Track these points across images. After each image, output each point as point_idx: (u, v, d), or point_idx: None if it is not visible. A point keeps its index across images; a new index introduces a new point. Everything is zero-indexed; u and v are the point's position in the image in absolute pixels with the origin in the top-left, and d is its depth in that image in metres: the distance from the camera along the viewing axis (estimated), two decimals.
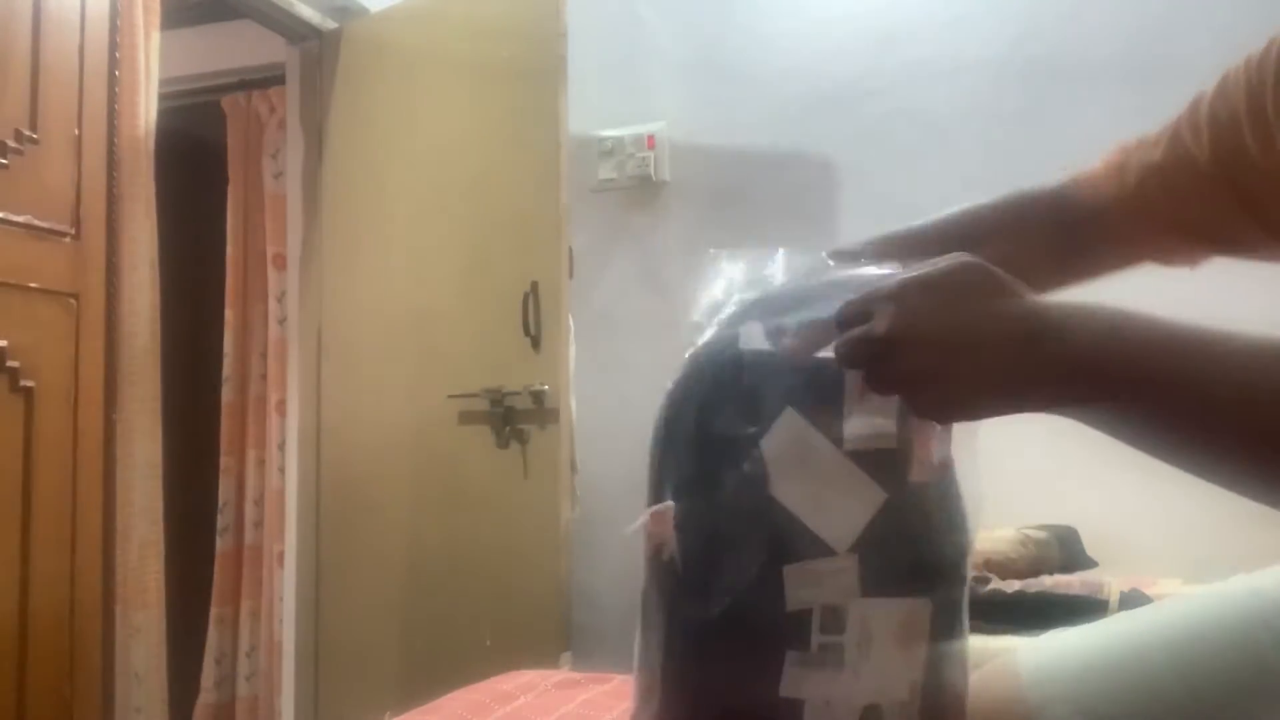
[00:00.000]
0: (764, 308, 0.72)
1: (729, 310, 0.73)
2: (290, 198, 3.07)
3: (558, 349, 2.45)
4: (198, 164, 3.42)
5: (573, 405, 2.49)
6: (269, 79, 3.26)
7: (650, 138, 2.97)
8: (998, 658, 0.83)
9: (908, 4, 2.81)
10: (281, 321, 3.21)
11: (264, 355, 3.33)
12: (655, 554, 0.70)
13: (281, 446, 3.13)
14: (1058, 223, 0.90)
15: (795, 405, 0.66)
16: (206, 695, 3.27)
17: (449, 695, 1.42)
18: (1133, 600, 1.94)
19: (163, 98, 2.43)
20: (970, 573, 0.70)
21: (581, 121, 2.73)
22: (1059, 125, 2.59)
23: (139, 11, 2.33)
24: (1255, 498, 0.59)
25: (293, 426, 2.99)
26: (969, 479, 0.70)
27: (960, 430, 0.69)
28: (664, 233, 3.00)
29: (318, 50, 2.99)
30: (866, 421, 0.65)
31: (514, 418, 2.48)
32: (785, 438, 0.66)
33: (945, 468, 0.69)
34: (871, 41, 2.82)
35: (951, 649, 0.69)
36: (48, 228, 1.99)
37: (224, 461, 3.36)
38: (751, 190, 2.91)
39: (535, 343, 2.45)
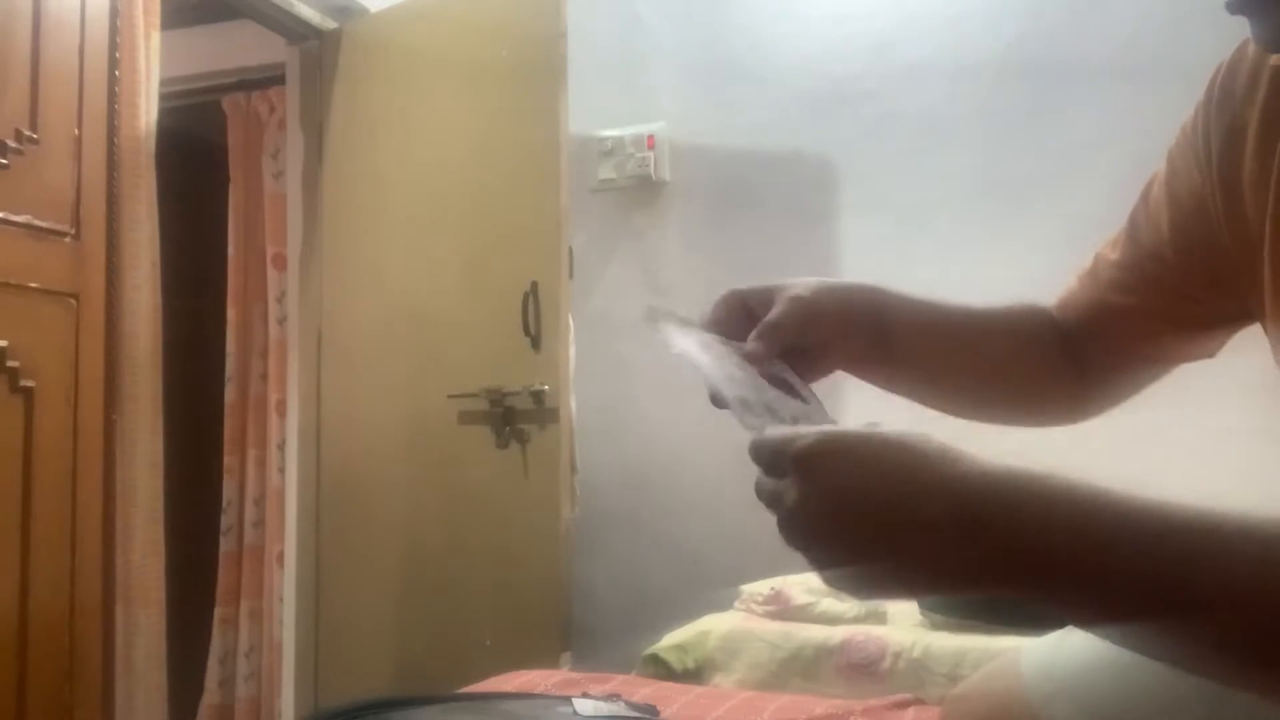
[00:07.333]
0: None
1: None
2: (290, 198, 3.07)
3: (558, 349, 2.45)
4: (198, 164, 3.41)
5: (573, 405, 2.49)
6: (269, 79, 3.26)
7: (650, 138, 2.97)
8: (1000, 657, 0.83)
9: (908, 4, 2.81)
10: (281, 321, 3.21)
11: (264, 355, 3.33)
12: None
13: (281, 446, 3.13)
14: (1061, 350, 0.86)
15: None
16: (210, 695, 3.27)
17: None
18: None
19: (163, 98, 2.43)
20: None
21: (581, 121, 2.73)
22: (1059, 125, 2.59)
23: (139, 11, 2.33)
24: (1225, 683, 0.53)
25: (293, 426, 2.99)
26: None
27: None
28: (664, 233, 3.00)
29: (318, 50, 2.99)
30: None
31: (514, 418, 2.48)
32: None
33: None
34: (871, 42, 2.82)
35: None
36: (48, 228, 1.99)
37: (227, 461, 3.36)
38: (751, 190, 2.91)
39: (535, 343, 2.45)
